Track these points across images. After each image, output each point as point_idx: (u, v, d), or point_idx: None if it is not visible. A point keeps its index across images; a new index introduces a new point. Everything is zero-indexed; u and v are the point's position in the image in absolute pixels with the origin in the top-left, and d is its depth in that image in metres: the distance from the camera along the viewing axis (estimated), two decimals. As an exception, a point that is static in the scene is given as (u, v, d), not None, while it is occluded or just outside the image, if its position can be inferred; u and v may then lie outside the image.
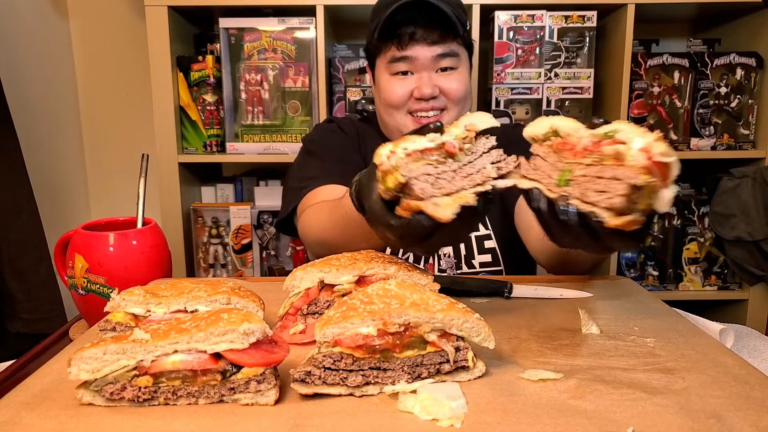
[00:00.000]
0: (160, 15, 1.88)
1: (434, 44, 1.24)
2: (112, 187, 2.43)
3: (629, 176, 0.59)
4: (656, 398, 0.59)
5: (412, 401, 0.59)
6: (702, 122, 2.05)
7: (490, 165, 0.70)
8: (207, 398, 0.60)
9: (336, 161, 1.31)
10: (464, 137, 0.71)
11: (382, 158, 0.67)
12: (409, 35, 1.23)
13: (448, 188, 0.67)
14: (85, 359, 0.59)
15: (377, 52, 1.31)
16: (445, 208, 0.65)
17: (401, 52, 1.25)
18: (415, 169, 0.67)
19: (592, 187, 0.62)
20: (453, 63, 1.27)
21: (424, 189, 0.66)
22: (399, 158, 0.66)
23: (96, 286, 0.97)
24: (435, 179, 0.67)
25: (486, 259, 1.28)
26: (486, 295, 0.95)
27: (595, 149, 0.62)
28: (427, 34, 1.23)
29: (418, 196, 0.66)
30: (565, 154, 0.65)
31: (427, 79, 1.25)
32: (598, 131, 0.63)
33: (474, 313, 0.64)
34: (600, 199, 0.61)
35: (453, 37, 1.25)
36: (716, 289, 2.16)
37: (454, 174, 0.68)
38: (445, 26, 1.23)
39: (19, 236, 1.83)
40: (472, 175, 0.69)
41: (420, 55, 1.24)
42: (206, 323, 0.60)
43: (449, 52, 1.25)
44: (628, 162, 0.59)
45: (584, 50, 1.99)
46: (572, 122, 0.67)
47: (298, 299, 0.79)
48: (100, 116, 2.39)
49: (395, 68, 1.27)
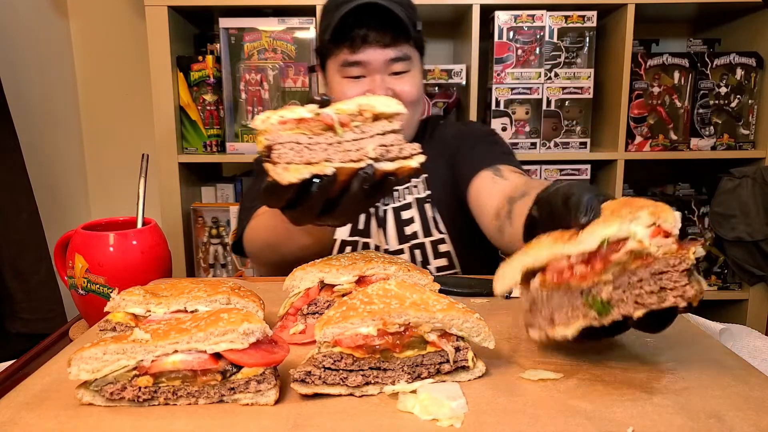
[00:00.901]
0: (160, 15, 1.88)
1: (387, 47, 1.23)
2: (112, 187, 2.43)
3: (675, 265, 0.57)
4: (656, 398, 0.59)
5: (412, 401, 0.59)
6: (702, 122, 2.05)
7: (376, 145, 0.69)
8: (207, 398, 0.60)
9: None
10: (354, 114, 0.69)
11: (257, 121, 0.67)
12: (361, 38, 1.22)
13: (310, 158, 0.66)
14: (85, 359, 0.59)
15: (329, 53, 1.29)
16: (291, 173, 0.65)
17: (354, 56, 1.24)
18: (284, 136, 0.66)
19: (640, 293, 0.58)
20: (405, 66, 1.26)
21: (281, 154, 0.65)
22: (271, 123, 0.66)
23: (96, 286, 0.97)
24: (303, 148, 0.66)
25: (442, 263, 1.29)
26: (486, 295, 0.95)
27: (606, 263, 0.58)
28: (380, 37, 1.22)
29: (275, 159, 0.66)
30: (571, 283, 0.60)
31: (380, 82, 1.25)
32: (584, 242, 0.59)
33: (474, 313, 0.64)
34: (655, 300, 0.58)
35: (405, 40, 1.25)
36: (716, 289, 2.16)
37: (329, 147, 0.67)
38: (397, 29, 1.22)
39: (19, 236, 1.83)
40: (349, 151, 0.68)
41: (373, 58, 1.24)
42: (206, 323, 0.60)
43: (402, 56, 1.25)
44: (657, 254, 0.57)
45: (584, 50, 1.99)
46: (542, 249, 0.61)
47: (298, 299, 0.79)
48: (100, 116, 2.39)
49: (348, 72, 1.26)
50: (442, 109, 2.03)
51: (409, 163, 0.70)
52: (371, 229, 1.32)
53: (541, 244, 0.63)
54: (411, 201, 1.33)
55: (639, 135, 2.06)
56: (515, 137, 2.03)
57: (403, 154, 0.70)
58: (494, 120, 2.01)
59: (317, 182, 0.66)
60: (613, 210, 0.61)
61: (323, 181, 0.66)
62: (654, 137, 2.06)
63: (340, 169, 0.67)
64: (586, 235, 0.59)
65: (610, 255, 0.58)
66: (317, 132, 0.67)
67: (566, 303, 0.61)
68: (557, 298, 0.61)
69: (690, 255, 0.57)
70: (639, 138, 2.06)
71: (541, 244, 0.63)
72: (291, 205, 0.70)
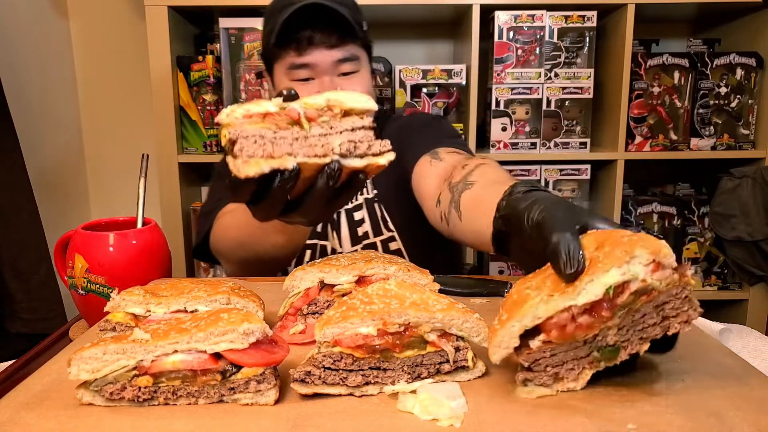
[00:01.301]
0: (160, 15, 1.88)
1: (333, 48, 1.22)
2: (112, 187, 2.43)
3: (677, 293, 0.57)
4: (656, 398, 0.59)
5: (412, 401, 0.59)
6: (702, 122, 2.05)
7: (344, 141, 0.66)
8: (207, 398, 0.60)
9: None
10: (322, 109, 0.67)
11: (222, 115, 0.65)
12: (307, 40, 1.21)
13: (272, 152, 0.63)
14: (85, 359, 0.59)
15: (275, 57, 1.28)
16: (251, 166, 0.62)
17: (301, 58, 1.22)
18: (247, 130, 0.64)
19: (644, 328, 0.59)
20: (354, 67, 1.25)
21: (243, 148, 0.63)
22: (235, 117, 0.64)
23: (96, 286, 0.97)
24: (266, 142, 0.64)
25: None
26: (486, 295, 0.95)
27: (612, 309, 0.57)
28: (326, 38, 1.21)
29: (236, 152, 0.63)
30: (576, 335, 0.58)
31: (329, 84, 1.24)
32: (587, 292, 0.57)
33: (474, 313, 0.64)
34: (659, 330, 0.59)
35: (352, 40, 1.24)
36: (716, 289, 2.16)
37: (294, 141, 0.65)
38: (343, 29, 1.21)
39: (19, 236, 1.83)
40: (315, 146, 0.65)
41: (320, 60, 1.22)
42: (206, 323, 0.60)
43: (350, 56, 1.24)
44: (660, 288, 0.57)
45: (584, 50, 1.99)
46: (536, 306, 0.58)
47: (298, 299, 0.79)
48: (100, 116, 2.39)
49: (296, 75, 1.25)
50: (442, 109, 2.03)
51: (377, 161, 0.67)
52: (328, 231, 1.32)
53: (529, 297, 0.59)
54: (361, 201, 1.32)
55: (639, 135, 2.06)
56: (515, 137, 2.03)
57: (372, 150, 0.67)
58: (494, 120, 2.01)
59: (279, 177, 0.64)
60: (598, 246, 0.58)
61: (285, 176, 0.63)
62: (654, 137, 2.06)
63: (305, 164, 0.64)
64: (585, 285, 0.56)
65: (616, 300, 0.57)
66: (283, 126, 0.65)
67: (571, 356, 0.60)
68: (561, 353, 0.60)
69: (690, 280, 0.57)
70: (639, 138, 2.06)
71: (529, 297, 0.59)
72: (255, 200, 0.68)
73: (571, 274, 0.57)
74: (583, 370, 0.60)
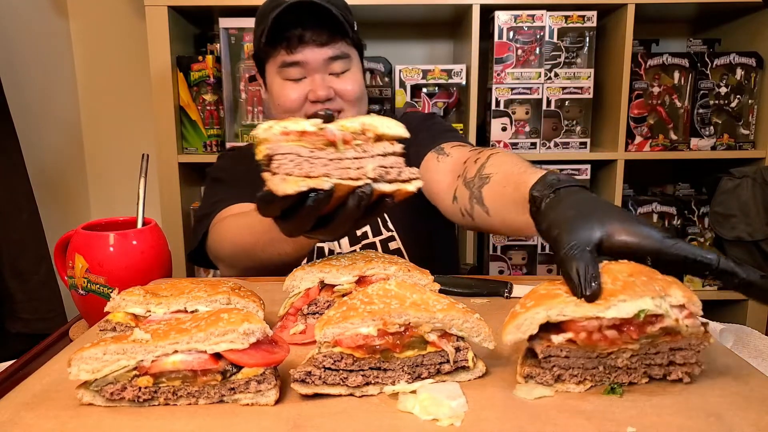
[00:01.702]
0: (160, 15, 1.88)
1: (324, 46, 1.23)
2: (112, 187, 2.42)
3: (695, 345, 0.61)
4: (655, 398, 0.59)
5: (412, 401, 0.59)
6: (702, 122, 2.05)
7: (376, 166, 0.69)
8: (207, 398, 0.60)
9: (243, 185, 1.28)
10: (357, 132, 0.69)
11: (259, 130, 0.67)
12: (297, 38, 1.21)
13: (309, 171, 0.66)
14: (85, 359, 0.59)
15: (266, 57, 1.28)
16: (289, 184, 0.65)
17: (291, 56, 1.23)
18: (285, 147, 0.66)
19: (651, 364, 0.62)
20: (345, 65, 1.26)
21: (280, 165, 0.65)
22: (273, 133, 0.66)
23: (96, 286, 0.97)
24: (303, 161, 0.66)
25: None
26: (486, 295, 0.95)
27: (639, 333, 0.59)
28: (316, 36, 1.22)
29: (275, 169, 0.66)
30: (597, 346, 0.60)
31: (321, 81, 1.24)
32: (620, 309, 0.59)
33: (474, 313, 0.64)
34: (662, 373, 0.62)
35: (342, 37, 1.24)
36: (716, 289, 2.16)
37: (329, 162, 0.67)
38: (333, 27, 1.22)
39: (19, 236, 1.83)
40: (349, 168, 0.68)
41: (311, 58, 1.23)
42: (206, 323, 0.60)
43: (340, 54, 1.24)
44: (684, 334, 0.61)
45: (584, 50, 1.99)
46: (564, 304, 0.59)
47: (298, 299, 0.79)
48: (100, 116, 2.39)
49: (287, 74, 1.26)
50: (442, 109, 2.03)
51: (406, 187, 0.70)
52: None
53: (559, 295, 0.61)
54: None
55: (639, 135, 2.06)
56: (515, 137, 2.03)
57: (401, 177, 0.70)
58: (494, 120, 2.01)
59: (313, 196, 0.66)
60: (632, 273, 0.61)
61: (320, 195, 0.66)
62: (654, 137, 2.06)
63: (338, 185, 0.67)
64: (617, 302, 0.58)
65: (646, 327, 0.59)
66: (318, 146, 0.67)
67: (580, 364, 0.61)
68: (573, 358, 0.61)
69: (710, 339, 0.61)
70: (639, 138, 2.06)
71: (559, 295, 0.61)
72: (284, 216, 0.70)
73: (586, 296, 0.58)
74: (585, 380, 0.61)
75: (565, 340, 0.60)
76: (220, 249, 1.18)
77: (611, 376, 0.62)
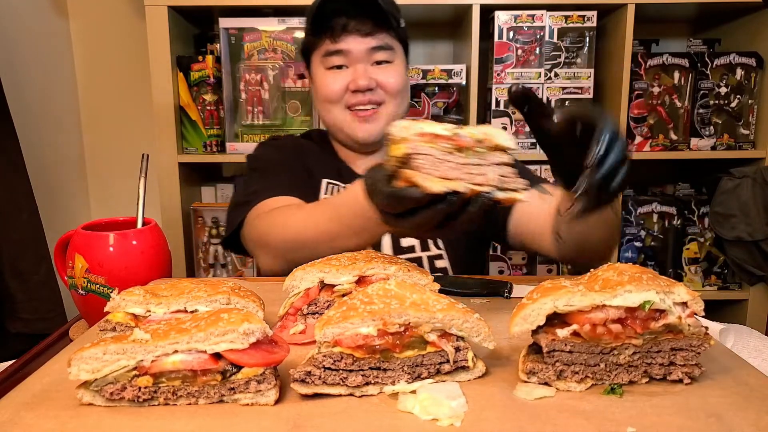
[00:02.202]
0: (160, 15, 1.88)
1: (367, 35, 1.24)
2: (112, 187, 2.42)
3: (695, 347, 0.62)
4: (655, 399, 0.59)
5: (412, 401, 0.59)
6: (702, 122, 2.05)
7: (497, 174, 0.72)
8: (207, 398, 0.60)
9: (281, 174, 1.30)
10: (480, 140, 0.72)
11: (396, 128, 0.70)
12: (341, 27, 1.23)
13: (445, 173, 0.69)
14: (85, 359, 0.59)
15: (312, 47, 1.31)
16: (435, 183, 0.68)
17: (335, 44, 1.25)
18: (421, 147, 0.69)
19: (652, 363, 0.63)
20: (388, 56, 1.27)
21: (422, 164, 0.69)
22: (411, 133, 0.69)
23: (96, 286, 0.97)
24: (437, 161, 0.69)
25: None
26: (486, 295, 0.95)
27: (643, 329, 0.61)
28: (360, 25, 1.23)
29: (416, 168, 0.69)
30: (605, 339, 0.62)
31: (363, 71, 1.25)
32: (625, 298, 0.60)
33: (474, 313, 0.64)
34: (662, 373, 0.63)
35: (386, 29, 1.25)
36: (716, 289, 2.16)
37: (458, 166, 0.70)
38: (377, 17, 1.23)
39: (19, 236, 1.83)
40: (473, 174, 0.71)
41: (354, 47, 1.24)
42: (206, 323, 0.60)
43: (383, 45, 1.25)
44: (686, 333, 0.62)
45: (584, 50, 1.99)
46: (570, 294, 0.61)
47: (298, 299, 0.79)
48: (100, 116, 2.39)
49: (330, 62, 1.27)
50: (442, 109, 2.03)
51: (516, 196, 0.73)
52: None
53: (565, 287, 0.62)
54: None
55: (639, 135, 2.06)
56: (515, 137, 2.03)
57: (513, 186, 0.73)
58: (494, 120, 2.01)
59: (452, 198, 0.69)
60: (638, 272, 0.62)
61: (454, 197, 0.69)
62: (654, 137, 2.06)
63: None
64: (623, 292, 0.60)
65: (649, 322, 0.61)
66: (447, 150, 0.70)
67: (582, 360, 0.61)
68: (576, 354, 0.61)
69: (711, 341, 0.62)
70: (639, 138, 2.05)
71: (565, 287, 0.62)
72: (409, 213, 0.72)
73: (600, 154, 0.70)
74: (586, 378, 0.62)
75: (569, 334, 0.61)
76: (270, 240, 1.14)
77: (612, 375, 0.62)
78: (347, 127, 1.29)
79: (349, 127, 1.29)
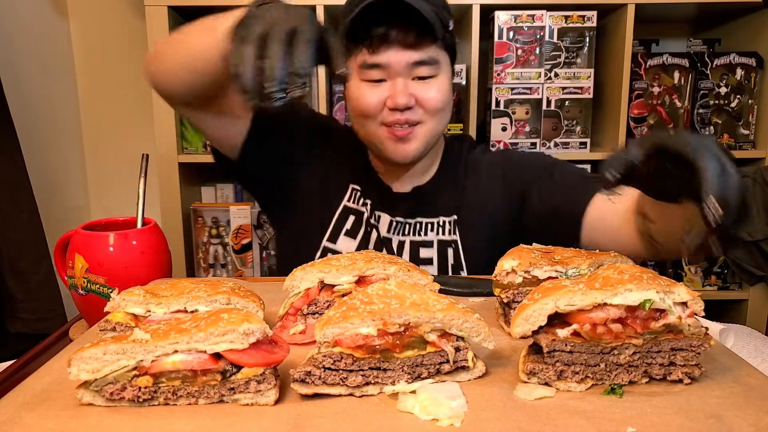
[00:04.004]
0: (160, 15, 1.88)
1: (410, 48, 1.10)
2: (112, 187, 2.42)
3: (695, 347, 0.62)
4: (655, 399, 0.59)
5: (412, 401, 0.59)
6: (702, 122, 2.05)
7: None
8: (207, 398, 0.60)
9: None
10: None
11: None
12: (380, 38, 1.10)
13: None
14: (85, 359, 0.59)
15: (348, 53, 1.16)
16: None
17: (373, 57, 1.11)
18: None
19: (652, 363, 0.63)
20: (431, 71, 1.13)
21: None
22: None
23: (96, 286, 0.97)
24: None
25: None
26: (486, 295, 0.95)
27: (643, 328, 0.61)
28: (402, 36, 1.09)
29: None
30: (605, 338, 0.61)
31: (403, 88, 1.11)
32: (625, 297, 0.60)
33: (474, 313, 0.64)
34: (662, 373, 0.63)
35: (432, 41, 1.11)
36: (716, 289, 2.16)
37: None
38: (422, 28, 1.09)
39: (19, 236, 1.83)
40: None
41: (394, 61, 1.10)
42: (206, 323, 0.60)
43: (427, 59, 1.12)
44: (687, 334, 0.62)
45: (584, 50, 1.99)
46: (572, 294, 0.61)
47: (298, 299, 0.79)
48: (100, 116, 2.39)
49: (367, 75, 1.14)
50: (442, 109, 2.03)
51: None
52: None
53: (565, 287, 0.62)
54: (433, 239, 1.23)
55: (639, 135, 2.06)
56: (515, 137, 2.03)
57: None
58: (494, 120, 2.01)
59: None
60: (640, 272, 0.63)
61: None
62: (654, 137, 2.06)
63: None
64: (623, 290, 0.60)
65: (650, 322, 0.61)
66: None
67: (582, 360, 0.61)
68: (577, 354, 0.61)
69: (711, 342, 0.62)
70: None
71: (565, 287, 0.62)
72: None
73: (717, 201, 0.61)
74: (586, 378, 0.62)
75: (570, 334, 0.61)
76: (157, 49, 1.16)
77: (612, 375, 0.62)
78: (382, 146, 1.17)
79: (384, 145, 1.17)
